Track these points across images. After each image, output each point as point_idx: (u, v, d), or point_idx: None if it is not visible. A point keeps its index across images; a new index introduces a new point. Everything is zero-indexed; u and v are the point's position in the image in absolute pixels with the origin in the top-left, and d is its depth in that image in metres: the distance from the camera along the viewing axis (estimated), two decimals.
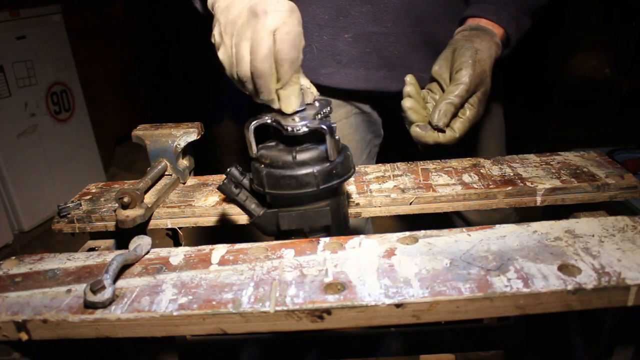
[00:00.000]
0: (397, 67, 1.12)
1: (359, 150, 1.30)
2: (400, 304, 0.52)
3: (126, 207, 0.78)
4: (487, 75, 0.89)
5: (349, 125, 1.27)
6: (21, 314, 0.55)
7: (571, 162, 0.88)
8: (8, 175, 2.82)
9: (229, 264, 0.62)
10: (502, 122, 1.32)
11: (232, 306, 0.54)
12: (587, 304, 0.53)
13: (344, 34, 1.10)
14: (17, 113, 2.88)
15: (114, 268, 0.59)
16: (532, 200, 0.80)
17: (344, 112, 1.26)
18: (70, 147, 3.21)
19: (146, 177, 0.85)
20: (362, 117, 1.29)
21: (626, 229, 0.62)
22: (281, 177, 0.65)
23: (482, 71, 0.87)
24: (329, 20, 1.10)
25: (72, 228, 0.84)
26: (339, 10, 1.08)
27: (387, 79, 1.14)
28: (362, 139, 1.31)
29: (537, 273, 0.55)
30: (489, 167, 0.89)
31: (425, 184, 0.84)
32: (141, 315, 0.54)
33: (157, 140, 0.90)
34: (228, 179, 0.72)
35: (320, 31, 1.12)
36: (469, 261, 0.58)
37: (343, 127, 1.26)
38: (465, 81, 0.84)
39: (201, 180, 0.95)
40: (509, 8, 0.93)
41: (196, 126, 0.92)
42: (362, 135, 1.31)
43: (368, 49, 1.11)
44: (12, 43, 2.85)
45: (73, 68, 3.25)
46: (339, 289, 0.55)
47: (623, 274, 0.53)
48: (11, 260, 0.67)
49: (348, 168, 0.69)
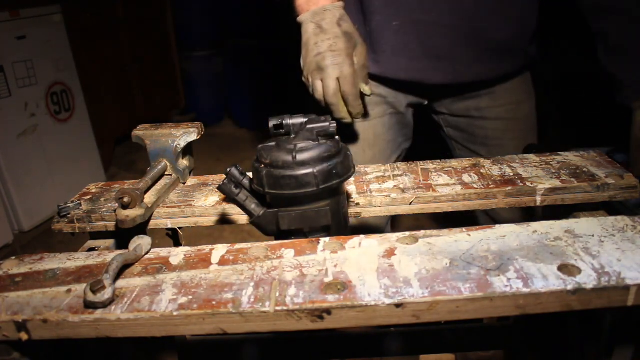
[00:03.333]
0: (440, 59, 1.12)
1: (388, 152, 1.30)
2: (400, 304, 0.53)
3: (126, 207, 0.78)
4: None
5: (382, 124, 1.27)
6: (21, 314, 0.56)
7: (571, 162, 0.88)
8: (8, 175, 2.82)
9: (229, 264, 0.62)
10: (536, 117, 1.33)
11: (232, 306, 0.54)
12: (586, 304, 0.53)
13: (393, 21, 1.11)
14: (17, 113, 2.88)
15: (114, 268, 0.59)
16: (532, 200, 0.80)
17: (379, 111, 1.26)
18: (70, 147, 3.21)
19: (146, 177, 0.85)
20: (396, 119, 1.29)
21: (626, 229, 0.62)
22: (281, 177, 0.65)
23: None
24: (379, 6, 1.11)
25: (72, 228, 0.84)
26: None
27: (429, 70, 1.14)
28: (394, 140, 1.31)
29: (537, 273, 0.55)
30: (489, 167, 0.89)
31: (425, 184, 0.84)
32: (141, 315, 0.54)
33: (157, 140, 0.90)
34: (228, 179, 0.72)
35: (370, 16, 1.12)
36: (469, 261, 0.58)
37: (376, 126, 1.26)
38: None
39: (201, 180, 0.95)
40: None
41: (196, 126, 0.92)
42: (394, 137, 1.31)
43: (413, 37, 1.11)
44: (12, 43, 2.84)
45: (73, 68, 3.25)
46: (339, 289, 0.55)
47: (623, 274, 0.53)
48: (11, 260, 0.67)
49: (348, 168, 0.69)
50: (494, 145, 1.27)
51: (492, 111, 1.26)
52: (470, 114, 1.27)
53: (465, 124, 1.30)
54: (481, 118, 1.26)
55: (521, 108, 1.27)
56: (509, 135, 1.27)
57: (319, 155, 0.66)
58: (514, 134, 1.27)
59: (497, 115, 1.26)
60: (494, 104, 1.25)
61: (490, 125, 1.26)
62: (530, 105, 1.30)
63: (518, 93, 1.26)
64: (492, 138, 1.28)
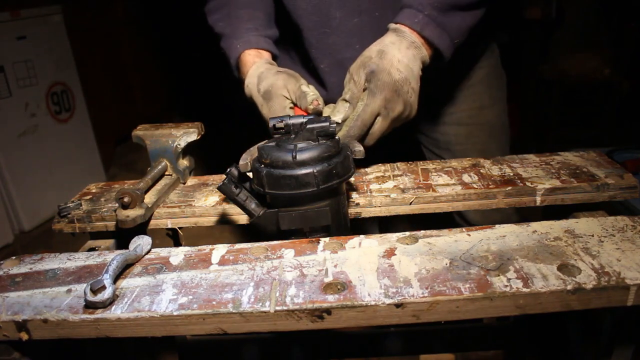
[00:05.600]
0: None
1: None
2: (400, 303, 0.53)
3: (126, 207, 0.78)
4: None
5: None
6: (21, 314, 0.56)
7: (571, 162, 0.88)
8: (8, 175, 2.82)
9: (229, 264, 0.62)
10: (505, 122, 1.32)
11: (232, 306, 0.54)
12: (586, 303, 0.53)
13: (320, 64, 1.15)
14: (17, 113, 2.88)
15: (114, 268, 0.59)
16: (531, 200, 0.80)
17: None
18: (70, 147, 3.21)
19: (146, 177, 0.85)
20: None
21: (626, 229, 0.62)
22: (281, 177, 0.65)
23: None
24: (312, 51, 1.16)
25: (73, 228, 0.84)
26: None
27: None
28: None
29: (536, 273, 0.55)
30: (489, 167, 0.89)
31: (425, 184, 0.84)
32: (141, 315, 0.54)
33: (157, 141, 0.90)
34: (228, 179, 0.72)
35: (308, 61, 1.18)
36: (468, 261, 0.58)
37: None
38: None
39: (201, 180, 0.95)
40: (424, 9, 0.89)
41: (196, 126, 0.92)
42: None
43: (342, 76, 1.13)
44: (13, 43, 2.85)
45: (73, 68, 3.25)
46: (339, 289, 0.55)
47: (622, 274, 0.53)
48: (12, 260, 0.67)
49: (348, 168, 0.69)
50: (458, 150, 1.27)
51: (453, 117, 1.25)
52: (433, 120, 1.27)
53: (429, 129, 1.30)
54: (443, 124, 1.27)
55: (484, 113, 1.26)
56: (472, 140, 1.26)
57: (319, 155, 0.66)
58: (477, 139, 1.26)
59: (459, 120, 1.25)
60: (455, 109, 1.25)
61: (452, 131, 1.26)
62: (495, 111, 1.28)
63: (482, 98, 1.25)
64: (455, 143, 1.27)
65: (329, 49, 1.11)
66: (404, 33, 0.88)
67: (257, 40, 1.06)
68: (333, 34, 1.09)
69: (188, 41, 4.55)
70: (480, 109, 1.25)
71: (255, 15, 1.09)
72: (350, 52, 1.09)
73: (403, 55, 0.86)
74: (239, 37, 1.06)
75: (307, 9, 1.07)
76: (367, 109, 0.84)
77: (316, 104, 0.89)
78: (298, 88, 0.92)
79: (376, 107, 0.84)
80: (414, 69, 0.87)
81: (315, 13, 1.07)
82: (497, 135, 1.30)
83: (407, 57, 0.86)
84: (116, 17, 3.98)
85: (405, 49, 0.87)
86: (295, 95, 0.93)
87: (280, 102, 0.94)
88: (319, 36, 1.10)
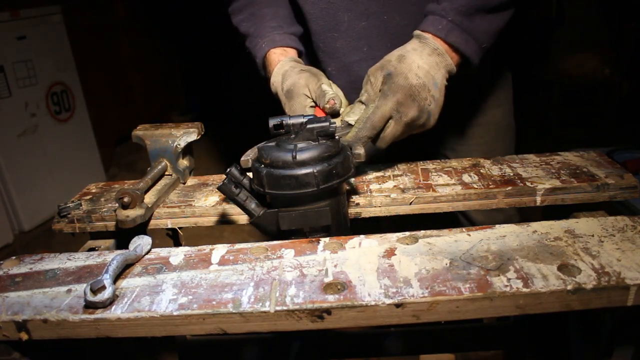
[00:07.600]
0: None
1: None
2: (400, 303, 0.53)
3: (126, 207, 0.78)
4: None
5: None
6: (21, 314, 0.56)
7: (571, 162, 0.88)
8: (8, 175, 2.82)
9: (229, 264, 0.62)
10: (511, 123, 1.32)
11: (232, 306, 0.54)
12: (586, 303, 0.53)
13: (328, 67, 1.15)
14: (17, 113, 2.88)
15: (114, 268, 0.59)
16: (531, 200, 0.80)
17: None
18: (70, 147, 3.21)
19: (146, 177, 0.85)
20: None
21: (626, 229, 0.62)
22: (281, 177, 0.65)
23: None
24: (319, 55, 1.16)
25: (73, 228, 0.84)
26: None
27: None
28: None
29: (536, 273, 0.55)
30: (489, 167, 0.89)
31: (425, 184, 0.84)
32: (141, 315, 0.54)
33: (157, 140, 0.90)
34: (228, 179, 0.72)
35: (316, 65, 1.17)
36: (468, 261, 0.58)
37: None
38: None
39: (201, 180, 0.95)
40: (448, 14, 0.87)
41: (196, 126, 0.92)
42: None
43: (346, 80, 1.13)
44: (13, 43, 2.85)
45: (73, 68, 3.25)
46: (339, 289, 0.55)
47: (622, 274, 0.53)
48: (11, 260, 0.67)
49: (348, 168, 0.69)
50: (461, 150, 1.27)
51: (456, 117, 1.25)
52: (458, 133, 1.27)
53: (455, 143, 1.29)
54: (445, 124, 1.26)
55: (489, 114, 1.26)
56: (476, 141, 1.26)
57: (319, 155, 0.66)
58: (482, 139, 1.26)
59: (462, 121, 1.25)
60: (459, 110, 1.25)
61: (455, 131, 1.26)
62: (500, 112, 1.28)
63: (486, 99, 1.25)
64: (458, 143, 1.27)
65: (336, 52, 1.11)
66: (427, 39, 0.86)
67: (281, 38, 1.05)
68: (341, 38, 1.09)
69: (188, 41, 4.56)
70: (485, 109, 1.26)
71: (279, 14, 1.09)
72: (357, 56, 1.09)
73: (424, 62, 0.84)
74: (263, 36, 1.06)
75: (314, 13, 1.07)
76: (377, 111, 0.82)
77: (332, 103, 0.87)
78: (318, 87, 0.91)
79: (387, 109, 0.82)
80: (436, 77, 0.85)
81: (323, 17, 1.07)
82: (502, 135, 1.30)
83: (428, 63, 0.84)
84: (116, 17, 3.98)
85: (427, 55, 0.85)
86: (316, 94, 0.91)
87: (301, 101, 0.93)
88: (327, 40, 1.10)
